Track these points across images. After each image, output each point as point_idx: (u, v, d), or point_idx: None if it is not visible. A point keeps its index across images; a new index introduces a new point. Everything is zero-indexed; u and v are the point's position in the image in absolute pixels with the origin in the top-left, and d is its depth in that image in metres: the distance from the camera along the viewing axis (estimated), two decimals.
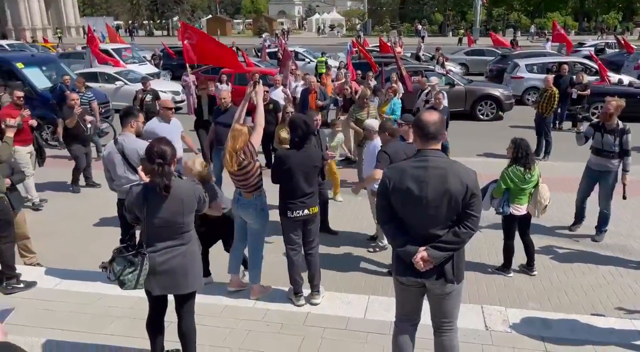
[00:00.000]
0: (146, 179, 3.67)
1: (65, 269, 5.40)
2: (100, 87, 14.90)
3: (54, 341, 4.02)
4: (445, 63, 18.94)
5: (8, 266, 4.90)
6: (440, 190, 2.84)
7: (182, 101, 16.23)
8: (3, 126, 4.99)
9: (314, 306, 4.60)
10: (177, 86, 16.91)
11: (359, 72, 14.74)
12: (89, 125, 8.32)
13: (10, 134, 4.76)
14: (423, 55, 24.78)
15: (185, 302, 3.44)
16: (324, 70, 17.85)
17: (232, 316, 4.42)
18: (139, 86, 16.11)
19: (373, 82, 12.56)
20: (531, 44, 37.57)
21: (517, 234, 5.40)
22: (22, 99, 7.18)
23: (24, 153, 7.29)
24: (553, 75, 11.74)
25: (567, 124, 12.85)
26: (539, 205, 5.25)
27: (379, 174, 4.72)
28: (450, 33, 55.22)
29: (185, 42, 9.63)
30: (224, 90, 8.00)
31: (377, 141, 5.78)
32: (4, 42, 25.51)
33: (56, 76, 12.66)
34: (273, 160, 4.55)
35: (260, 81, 5.37)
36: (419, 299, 3.17)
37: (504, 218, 5.36)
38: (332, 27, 65.00)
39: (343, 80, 12.39)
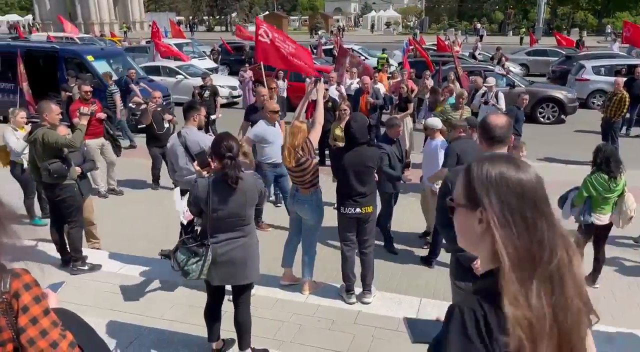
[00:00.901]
0: (204, 174, 3.79)
1: (127, 254, 5.65)
2: (162, 80, 15.44)
3: (117, 322, 4.22)
4: (505, 63, 18.38)
5: (75, 248, 5.19)
6: None
7: (238, 96, 16.58)
8: (77, 114, 5.26)
9: (365, 304, 4.60)
10: (234, 81, 17.28)
11: (414, 70, 14.57)
12: (166, 125, 7.96)
13: (84, 121, 5.02)
14: (480, 54, 24.13)
15: (242, 293, 3.54)
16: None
17: (285, 310, 4.50)
18: (198, 80, 16.69)
19: (429, 81, 12.37)
20: (598, 44, 35.80)
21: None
22: (89, 93, 7.48)
23: (94, 146, 7.55)
24: (624, 78, 11.15)
25: (635, 130, 12.19)
26: (624, 215, 4.99)
27: (444, 172, 4.66)
28: (511, 32, 53.47)
29: (261, 39, 8.94)
30: (263, 89, 7.76)
31: (438, 140, 5.78)
32: (74, 35, 26.86)
33: (122, 69, 13.24)
34: (330, 156, 4.62)
35: (322, 79, 5.41)
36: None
37: (585, 227, 5.09)
38: (387, 24, 64.44)
39: (399, 79, 12.28)
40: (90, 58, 12.89)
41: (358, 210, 4.43)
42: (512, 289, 1.04)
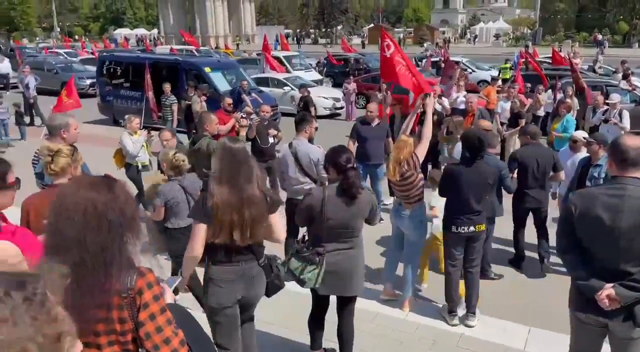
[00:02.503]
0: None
1: None
2: (270, 91, 16.14)
3: None
4: (631, 78, 16.85)
5: None
6: (637, 222, 2.55)
7: (341, 107, 16.86)
8: (237, 127, 5.66)
9: (468, 328, 4.43)
10: (338, 93, 17.59)
11: (528, 84, 13.86)
12: (271, 140, 7.69)
13: (243, 132, 5.41)
14: (600, 68, 22.36)
15: (347, 305, 3.58)
16: (507, 76, 17.37)
17: (384, 325, 4.46)
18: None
19: (542, 96, 11.70)
20: None
21: None
22: (231, 105, 7.89)
23: None
24: None
25: None
26: None
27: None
28: (637, 44, 49.01)
29: (385, 54, 8.32)
30: (373, 104, 7.69)
31: (581, 153, 5.63)
32: (193, 48, 29.01)
33: (236, 80, 14.03)
34: (442, 174, 4.49)
35: (431, 93, 5.35)
36: (597, 340, 2.88)
37: None
38: (496, 36, 61.95)
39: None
40: (207, 70, 13.85)
41: (472, 228, 4.30)
42: None
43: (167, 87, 11.86)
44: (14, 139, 12.09)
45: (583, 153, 5.64)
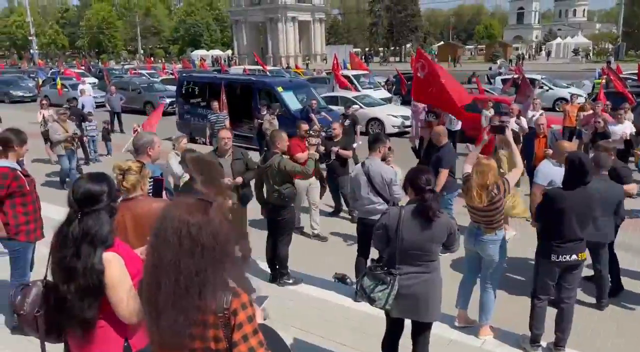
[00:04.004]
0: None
1: (305, 273, 6.00)
2: (339, 109, 16.29)
3: (300, 341, 4.47)
4: None
5: (283, 264, 5.67)
6: None
7: (410, 126, 16.68)
8: (307, 145, 5.80)
9: None
10: (406, 111, 17.44)
11: (608, 103, 13.09)
12: (333, 157, 7.85)
13: (312, 150, 5.57)
14: None
15: (422, 331, 3.51)
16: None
17: None
18: (374, 110, 17.26)
19: (628, 115, 10.98)
20: None
21: None
22: (307, 131, 7.60)
23: (303, 186, 7.17)
24: None
25: None
26: None
27: None
28: None
29: (418, 74, 8.54)
30: (440, 127, 7.37)
31: None
32: (266, 68, 29.94)
33: (306, 99, 14.30)
34: (545, 197, 4.25)
35: (507, 126, 5.22)
36: None
37: None
38: (575, 51, 59.22)
39: (591, 112, 11.14)
40: (280, 89, 14.22)
41: (574, 257, 4.07)
42: None
43: (215, 105, 12.19)
44: (101, 155, 12.96)
45: None
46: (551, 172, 5.37)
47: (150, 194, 3.59)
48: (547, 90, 21.83)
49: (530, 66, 41.58)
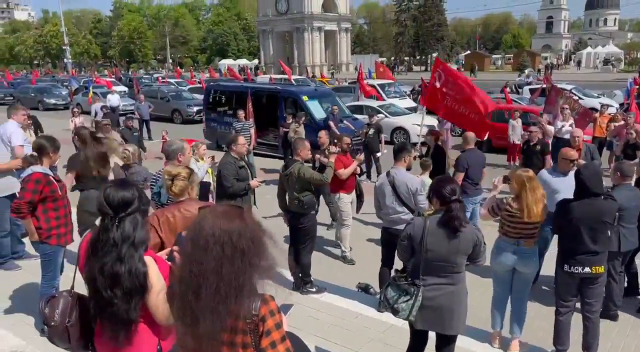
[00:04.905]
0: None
1: (328, 282, 5.98)
2: (364, 118, 16.27)
3: (322, 350, 4.46)
4: None
5: (306, 272, 5.66)
6: None
7: None
8: (326, 152, 5.81)
9: None
10: (432, 120, 17.31)
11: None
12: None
13: (332, 159, 5.58)
14: None
15: (446, 344, 3.46)
16: None
17: None
18: (399, 119, 17.20)
19: None
20: None
21: None
22: (350, 145, 7.46)
23: (347, 201, 7.00)
24: None
25: None
26: None
27: None
28: None
29: (435, 83, 8.47)
30: (470, 133, 7.29)
31: None
32: (291, 77, 30.14)
33: (331, 108, 14.33)
34: (556, 208, 4.18)
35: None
36: None
37: None
38: (606, 61, 58.00)
39: (622, 123, 10.88)
40: (305, 98, 14.30)
41: (587, 269, 3.97)
42: None
43: (241, 113, 12.25)
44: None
45: None
46: (551, 181, 5.32)
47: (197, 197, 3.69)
48: (579, 100, 21.40)
49: (559, 76, 40.89)
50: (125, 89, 29.97)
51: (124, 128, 12.05)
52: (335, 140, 7.26)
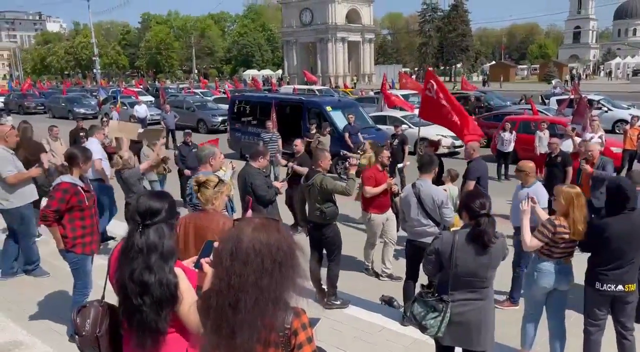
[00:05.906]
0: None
1: (351, 294, 5.93)
2: (387, 129, 16.22)
3: None
4: None
5: (332, 284, 5.63)
6: None
7: (461, 146, 16.39)
8: (347, 165, 5.82)
9: None
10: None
11: None
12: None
13: (353, 170, 5.57)
14: None
15: None
16: None
17: None
18: (423, 130, 17.06)
19: None
20: None
21: None
22: (389, 158, 7.18)
23: (379, 221, 6.68)
24: None
25: None
26: None
27: None
28: None
29: (427, 93, 8.74)
30: (474, 142, 7.52)
31: None
32: (315, 87, 30.33)
33: (355, 119, 14.32)
34: (588, 227, 4.03)
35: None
36: None
37: None
38: (635, 72, 56.72)
39: None
40: (328, 108, 14.36)
41: (620, 287, 3.85)
42: None
43: (269, 124, 12.27)
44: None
45: None
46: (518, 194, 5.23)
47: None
48: (607, 112, 20.96)
49: (587, 86, 40.10)
50: (152, 98, 30.54)
51: (181, 144, 11.63)
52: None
